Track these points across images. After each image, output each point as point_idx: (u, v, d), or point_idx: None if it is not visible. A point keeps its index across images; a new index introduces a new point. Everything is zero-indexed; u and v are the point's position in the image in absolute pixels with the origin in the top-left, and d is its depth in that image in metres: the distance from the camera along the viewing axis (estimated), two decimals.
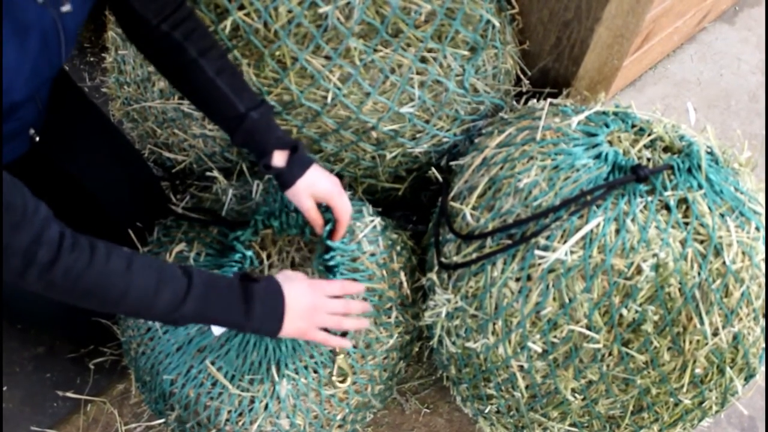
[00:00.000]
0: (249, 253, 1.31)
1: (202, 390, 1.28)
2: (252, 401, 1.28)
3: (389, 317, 1.39)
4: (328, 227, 1.31)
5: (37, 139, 1.35)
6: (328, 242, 1.32)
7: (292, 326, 1.17)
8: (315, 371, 1.29)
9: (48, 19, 1.04)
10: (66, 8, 1.07)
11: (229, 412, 1.28)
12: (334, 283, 1.25)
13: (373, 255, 1.37)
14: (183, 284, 1.07)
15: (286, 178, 1.26)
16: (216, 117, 1.31)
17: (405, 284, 1.43)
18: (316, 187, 1.28)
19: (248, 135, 1.26)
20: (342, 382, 1.31)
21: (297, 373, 1.28)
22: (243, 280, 1.16)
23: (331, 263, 1.31)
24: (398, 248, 1.46)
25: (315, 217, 1.30)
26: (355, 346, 1.34)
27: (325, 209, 1.32)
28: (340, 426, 1.39)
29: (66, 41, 1.11)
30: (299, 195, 1.27)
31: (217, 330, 1.24)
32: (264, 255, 1.41)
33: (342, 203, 1.30)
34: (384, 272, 1.39)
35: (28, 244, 0.95)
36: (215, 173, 1.53)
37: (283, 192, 1.29)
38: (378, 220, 1.43)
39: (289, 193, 1.28)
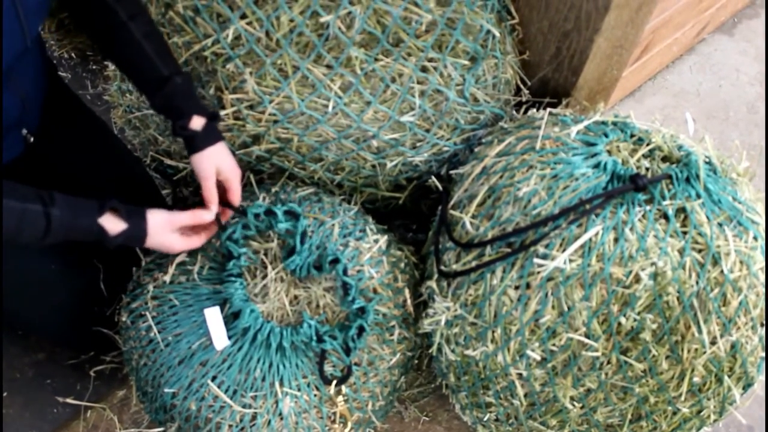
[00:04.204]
0: (243, 250, 1.32)
1: (203, 403, 1.28)
2: (254, 417, 1.27)
3: (392, 335, 1.39)
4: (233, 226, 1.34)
5: (32, 140, 1.36)
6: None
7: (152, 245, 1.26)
8: (317, 388, 1.30)
9: None
10: None
11: (230, 427, 1.28)
12: (186, 215, 1.29)
13: (378, 276, 1.38)
14: (41, 228, 1.12)
15: (199, 141, 1.30)
16: (138, 79, 1.35)
17: (409, 301, 1.43)
18: (222, 160, 1.32)
19: (169, 98, 1.30)
20: (343, 428, 1.33)
21: (299, 390, 1.28)
22: (106, 215, 1.19)
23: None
24: (402, 265, 1.46)
25: (213, 191, 1.32)
26: (357, 364, 1.34)
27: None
28: None
29: (24, 7, 1.10)
30: (205, 161, 1.31)
31: (219, 344, 1.24)
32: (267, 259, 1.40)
33: (239, 189, 1.35)
34: (389, 292, 1.39)
35: None
36: None
37: (191, 155, 1.32)
38: (383, 239, 1.43)
39: (196, 158, 1.31)
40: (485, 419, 1.47)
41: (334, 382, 1.29)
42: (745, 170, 1.33)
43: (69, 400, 1.66)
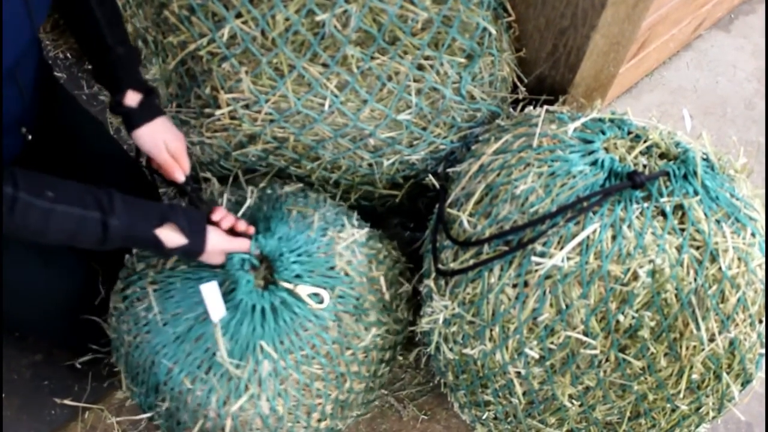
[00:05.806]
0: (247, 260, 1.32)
1: (197, 376, 1.29)
2: (237, 384, 1.29)
3: (367, 317, 1.40)
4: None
5: (30, 137, 1.35)
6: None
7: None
8: (292, 353, 1.30)
9: None
10: None
11: (217, 399, 1.29)
12: (240, 244, 1.28)
13: (350, 263, 1.39)
14: (98, 236, 1.11)
15: (135, 119, 1.30)
16: (87, 49, 1.33)
17: (384, 290, 1.44)
18: (164, 136, 1.32)
19: (108, 69, 1.28)
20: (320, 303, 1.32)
21: (276, 353, 1.28)
22: (164, 228, 1.18)
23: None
24: (381, 256, 1.47)
25: (169, 161, 1.31)
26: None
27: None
28: (319, 420, 1.39)
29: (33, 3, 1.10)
30: (146, 139, 1.30)
31: (215, 317, 1.25)
32: None
33: (187, 161, 1.36)
34: (363, 278, 1.40)
35: None
36: (209, 175, 1.53)
37: (130, 133, 1.31)
38: (360, 232, 1.44)
39: (135, 135, 1.30)
40: (484, 417, 1.47)
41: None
42: (743, 167, 1.33)
43: (67, 402, 1.66)
